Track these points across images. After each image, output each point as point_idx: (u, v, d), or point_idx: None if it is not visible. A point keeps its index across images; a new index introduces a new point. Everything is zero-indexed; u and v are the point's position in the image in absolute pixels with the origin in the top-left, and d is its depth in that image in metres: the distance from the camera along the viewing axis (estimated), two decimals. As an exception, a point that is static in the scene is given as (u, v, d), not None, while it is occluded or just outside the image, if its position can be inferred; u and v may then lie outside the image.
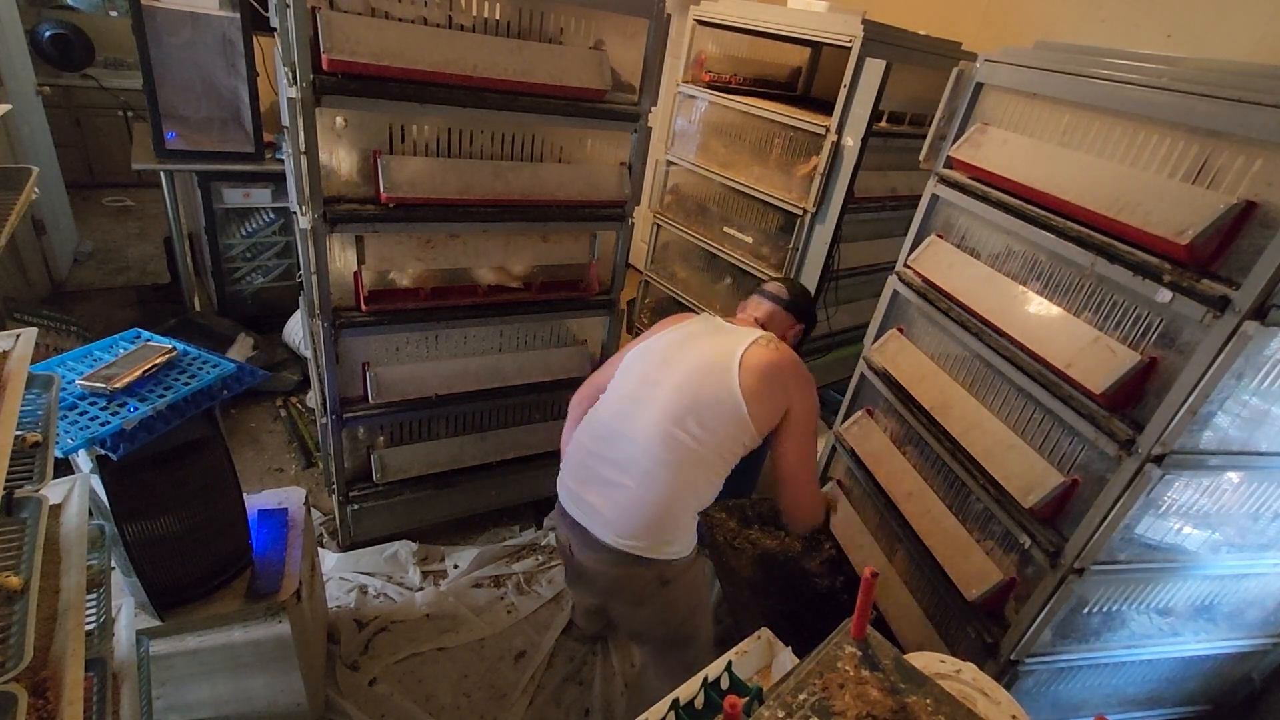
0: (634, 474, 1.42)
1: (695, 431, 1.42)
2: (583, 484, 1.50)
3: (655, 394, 1.48)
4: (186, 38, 2.87)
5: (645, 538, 1.41)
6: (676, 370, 1.50)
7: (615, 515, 1.43)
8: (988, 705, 0.84)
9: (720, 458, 1.47)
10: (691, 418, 1.42)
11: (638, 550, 1.41)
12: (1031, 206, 1.54)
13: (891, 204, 2.94)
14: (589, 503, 1.47)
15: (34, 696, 0.80)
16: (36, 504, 0.86)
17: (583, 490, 1.50)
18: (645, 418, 1.45)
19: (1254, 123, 1.13)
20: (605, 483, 1.46)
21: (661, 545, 1.41)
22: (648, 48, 1.95)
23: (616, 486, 1.44)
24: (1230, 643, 1.73)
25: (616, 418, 1.52)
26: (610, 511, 1.43)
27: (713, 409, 1.43)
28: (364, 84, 1.64)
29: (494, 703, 1.96)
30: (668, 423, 1.43)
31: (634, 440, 1.44)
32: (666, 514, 1.41)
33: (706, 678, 1.04)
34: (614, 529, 1.42)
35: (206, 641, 1.51)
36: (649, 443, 1.42)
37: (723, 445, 1.45)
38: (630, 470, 1.43)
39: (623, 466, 1.44)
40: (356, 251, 1.93)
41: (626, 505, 1.42)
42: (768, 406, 1.45)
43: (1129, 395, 1.33)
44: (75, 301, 3.63)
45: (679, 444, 1.41)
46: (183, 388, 1.31)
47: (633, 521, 1.41)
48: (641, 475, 1.41)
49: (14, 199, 1.55)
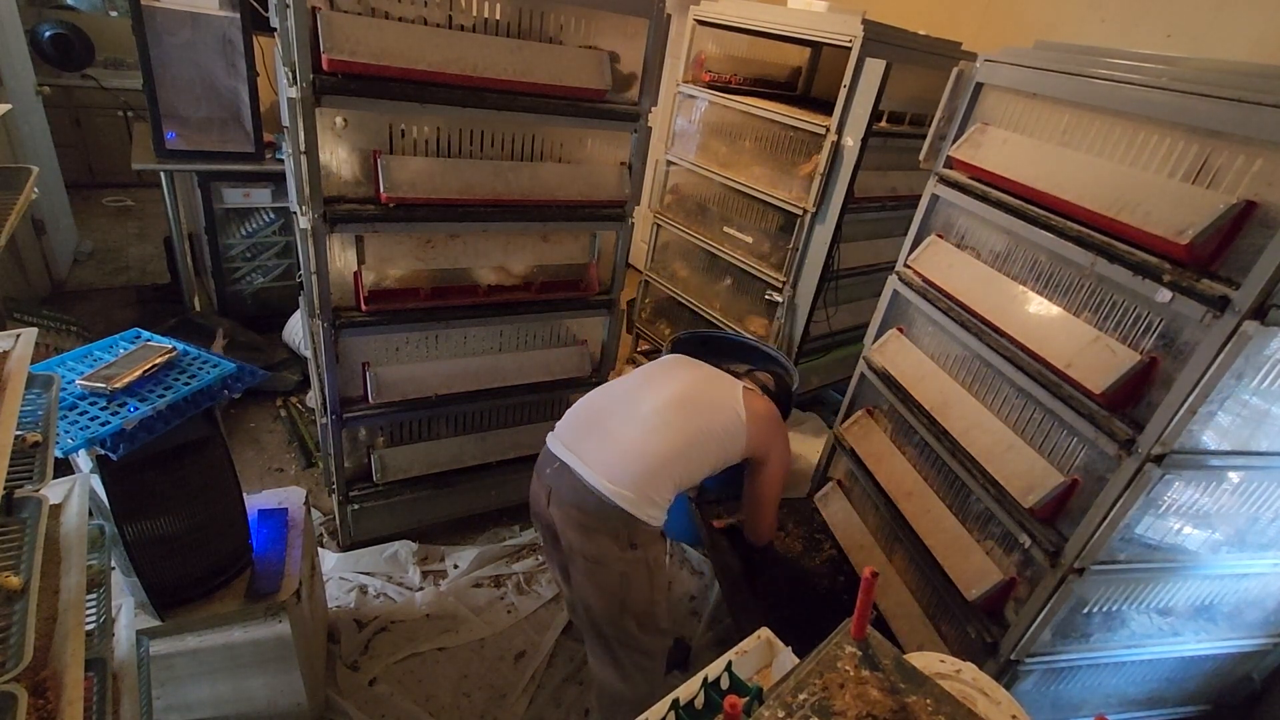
0: (642, 427, 1.55)
1: (704, 413, 1.61)
2: (583, 433, 1.60)
3: (669, 379, 1.70)
4: (186, 38, 2.87)
5: (633, 489, 1.49)
6: (686, 374, 1.74)
7: (612, 459, 1.52)
8: (988, 705, 0.84)
9: (712, 448, 1.61)
10: (701, 404, 1.63)
11: (621, 500, 1.48)
12: (1031, 206, 1.55)
13: (891, 204, 2.94)
14: (586, 448, 1.56)
15: (34, 696, 0.80)
16: (36, 504, 0.86)
17: (582, 438, 1.60)
18: (661, 391, 1.65)
19: (1254, 123, 1.13)
20: (609, 432, 1.58)
21: (643, 503, 1.49)
22: (648, 48, 1.95)
23: (619, 435, 1.56)
24: (1230, 643, 1.73)
25: (635, 388, 1.69)
26: (608, 455, 1.53)
27: (718, 407, 1.64)
28: (364, 84, 1.64)
29: (494, 703, 1.96)
30: (679, 399, 1.63)
31: (647, 402, 1.61)
32: (660, 470, 1.52)
33: (706, 678, 1.04)
34: (608, 472, 1.50)
35: (206, 641, 1.51)
36: (663, 406, 1.59)
37: (718, 441, 1.62)
38: (639, 425, 1.56)
39: (631, 420, 1.58)
40: (356, 251, 1.93)
41: (627, 450, 1.52)
42: (757, 437, 1.68)
43: (1129, 395, 1.33)
44: (75, 301, 3.63)
45: (687, 416, 1.59)
46: (183, 388, 1.31)
47: (629, 467, 1.50)
48: (649, 430, 1.55)
49: (14, 199, 1.55)
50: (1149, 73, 1.34)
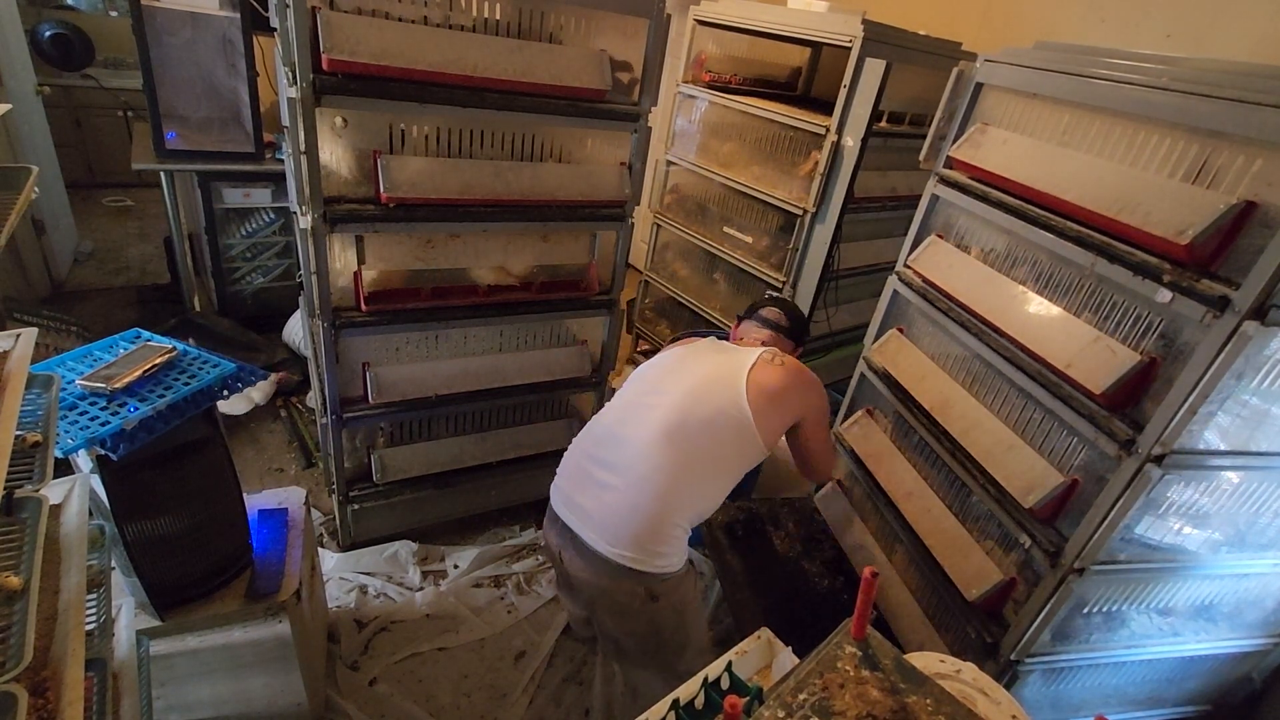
0: (629, 477, 1.41)
1: (697, 440, 1.43)
2: (576, 487, 1.49)
3: (659, 401, 1.49)
4: (186, 38, 2.87)
5: (634, 548, 1.38)
6: (682, 380, 1.52)
7: (606, 518, 1.41)
8: (988, 705, 0.84)
9: (719, 470, 1.48)
10: (695, 426, 1.43)
11: (627, 561, 1.38)
12: (1031, 206, 1.54)
13: (891, 204, 2.94)
14: (581, 506, 1.46)
15: (34, 696, 0.80)
16: (36, 504, 0.86)
17: (576, 493, 1.48)
18: (646, 423, 1.45)
19: (1254, 123, 1.13)
20: (599, 485, 1.45)
21: (651, 557, 1.39)
22: (648, 48, 1.95)
23: (609, 489, 1.42)
24: (1230, 643, 1.73)
25: (617, 423, 1.52)
26: (601, 514, 1.42)
27: (717, 420, 1.45)
28: (364, 84, 1.64)
29: (494, 703, 1.96)
30: (668, 429, 1.43)
31: (632, 444, 1.44)
32: (658, 522, 1.39)
33: (706, 678, 1.04)
34: (604, 535, 1.40)
35: (206, 641, 1.51)
36: (647, 448, 1.42)
37: (725, 456, 1.47)
38: (625, 473, 1.42)
39: (617, 469, 1.43)
40: (356, 251, 1.93)
41: (617, 509, 1.40)
42: (776, 421, 1.50)
43: (1129, 395, 1.33)
44: (75, 301, 3.63)
45: (677, 451, 1.42)
46: (183, 388, 1.31)
47: (623, 527, 1.39)
48: (636, 479, 1.40)
49: (14, 199, 1.55)
50: (1149, 73, 1.34)
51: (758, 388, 1.48)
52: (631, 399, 1.56)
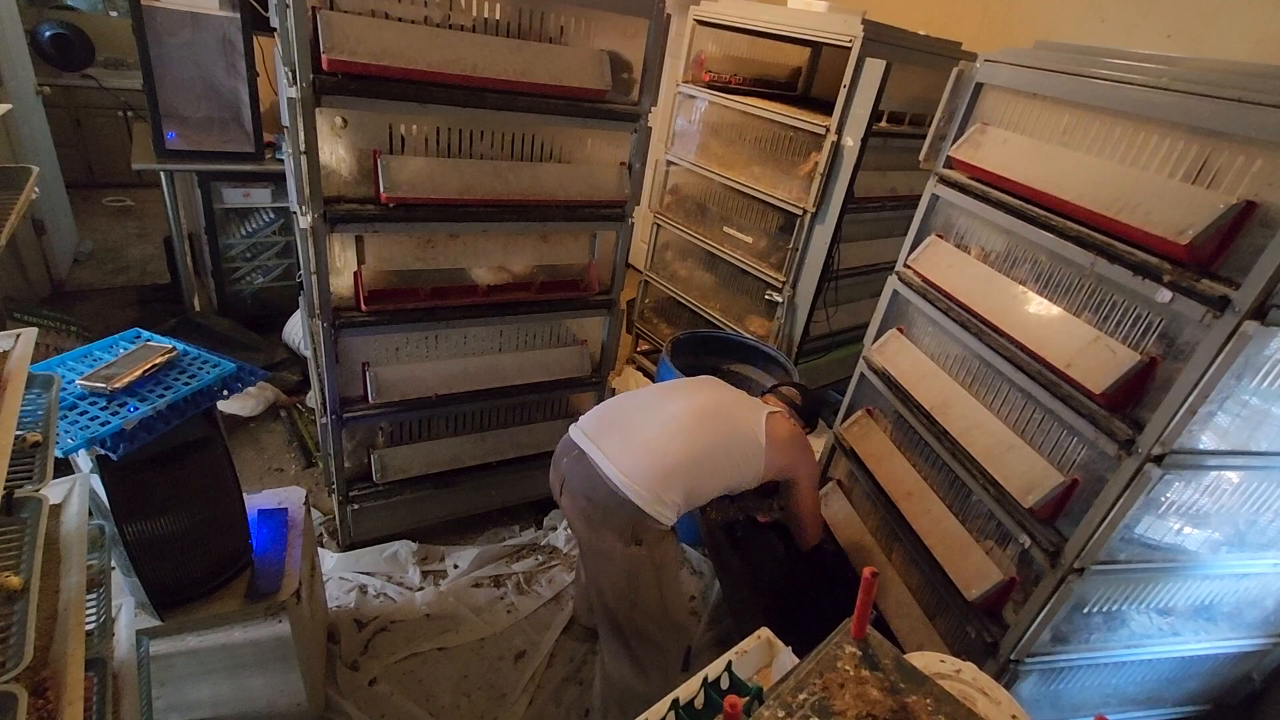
0: (662, 430, 1.61)
1: (720, 433, 1.64)
2: (606, 428, 1.65)
3: (697, 394, 1.75)
4: (186, 38, 2.87)
5: (644, 485, 1.52)
6: (714, 393, 1.78)
7: (631, 454, 1.56)
8: (988, 705, 0.84)
9: (726, 466, 1.63)
10: (722, 425, 1.66)
11: (631, 493, 1.51)
12: (1031, 206, 1.54)
13: (891, 204, 2.94)
14: (606, 441, 1.61)
15: (34, 696, 0.80)
16: (36, 504, 0.86)
17: (604, 432, 1.64)
18: (686, 402, 1.70)
19: (1254, 123, 1.13)
20: (630, 430, 1.63)
21: (652, 500, 1.52)
22: (648, 48, 1.95)
23: (640, 434, 1.61)
24: (1230, 643, 1.73)
25: (662, 394, 1.75)
26: (628, 449, 1.57)
27: (738, 432, 1.66)
28: (364, 84, 1.64)
29: (494, 703, 1.96)
30: (703, 412, 1.66)
31: (672, 409, 1.66)
32: (674, 472, 1.55)
33: (706, 678, 1.04)
34: (623, 465, 1.55)
35: (206, 641, 1.51)
36: (685, 414, 1.64)
37: (734, 461, 1.64)
38: (659, 426, 1.62)
39: (652, 422, 1.63)
40: (356, 251, 1.93)
41: (645, 447, 1.57)
42: (779, 463, 1.71)
43: (1129, 395, 1.33)
44: (75, 301, 3.63)
45: (705, 432, 1.62)
46: (183, 388, 1.31)
47: (643, 463, 1.54)
48: (669, 433, 1.60)
49: (14, 199, 1.55)
50: (1149, 73, 1.34)
51: (773, 429, 1.70)
52: (668, 389, 1.78)
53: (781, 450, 1.70)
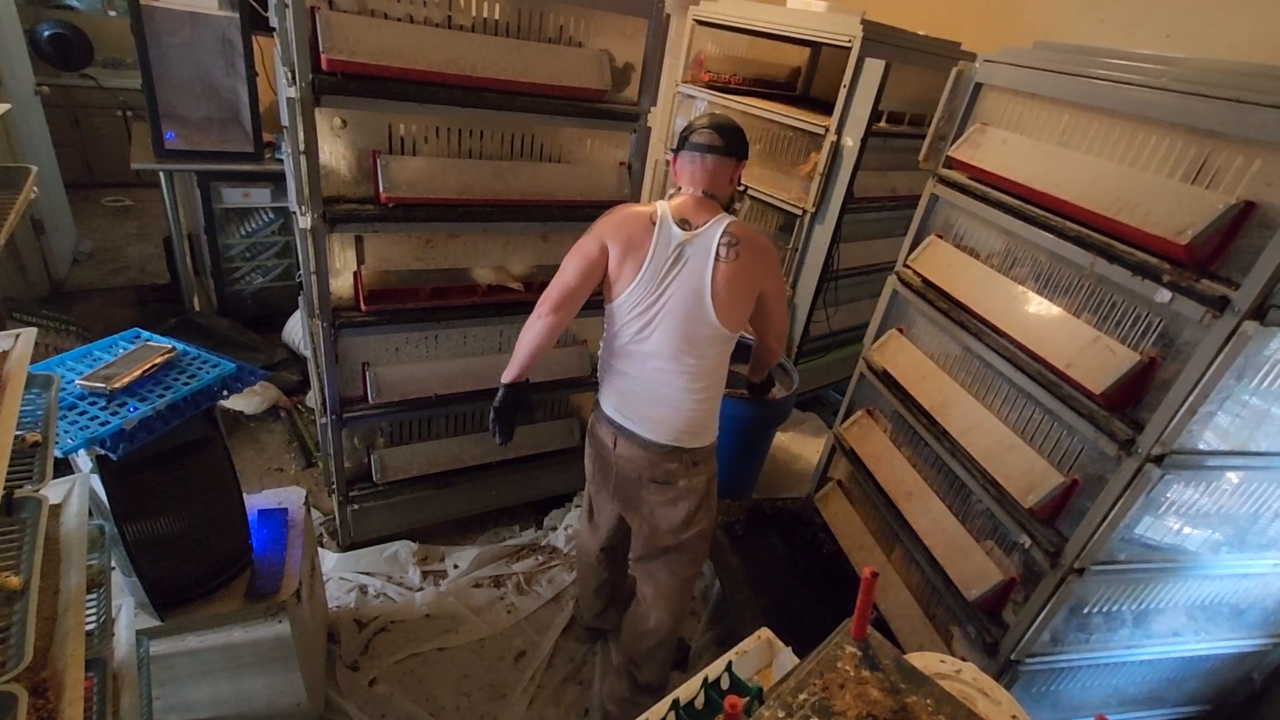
0: (672, 405, 1.66)
1: (700, 355, 1.63)
2: (629, 412, 1.70)
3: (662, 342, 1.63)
4: (186, 38, 2.87)
5: (685, 437, 1.66)
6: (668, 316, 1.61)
7: (662, 427, 1.66)
8: (988, 705, 0.84)
9: (718, 363, 1.68)
10: (690, 351, 1.63)
11: (678, 442, 1.66)
12: (1031, 206, 1.55)
13: (891, 204, 2.94)
14: (642, 419, 1.68)
15: (34, 696, 0.80)
16: (36, 504, 0.86)
17: (630, 415, 1.70)
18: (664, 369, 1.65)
19: (1253, 123, 1.13)
20: (647, 411, 1.69)
21: (694, 437, 1.67)
22: (647, 48, 1.95)
23: (658, 415, 1.68)
24: (1230, 643, 1.73)
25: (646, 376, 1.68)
26: (658, 424, 1.67)
27: (704, 342, 1.62)
28: (363, 84, 1.64)
29: (494, 703, 1.96)
30: (677, 363, 1.63)
31: (666, 384, 1.66)
32: (698, 419, 1.67)
33: (707, 678, 1.04)
34: (658, 431, 1.66)
35: (206, 641, 1.51)
36: (675, 386, 1.65)
37: (718, 356, 1.67)
38: (668, 404, 1.66)
39: (663, 402, 1.67)
40: (356, 251, 1.93)
41: (670, 421, 1.66)
42: (741, 311, 1.62)
43: (1129, 395, 1.33)
44: (75, 301, 3.62)
45: (691, 373, 1.63)
46: (183, 388, 1.31)
47: (676, 428, 1.66)
48: (676, 406, 1.66)
49: (13, 198, 1.55)
50: (1148, 73, 1.35)
51: (720, 292, 1.54)
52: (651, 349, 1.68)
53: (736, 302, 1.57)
